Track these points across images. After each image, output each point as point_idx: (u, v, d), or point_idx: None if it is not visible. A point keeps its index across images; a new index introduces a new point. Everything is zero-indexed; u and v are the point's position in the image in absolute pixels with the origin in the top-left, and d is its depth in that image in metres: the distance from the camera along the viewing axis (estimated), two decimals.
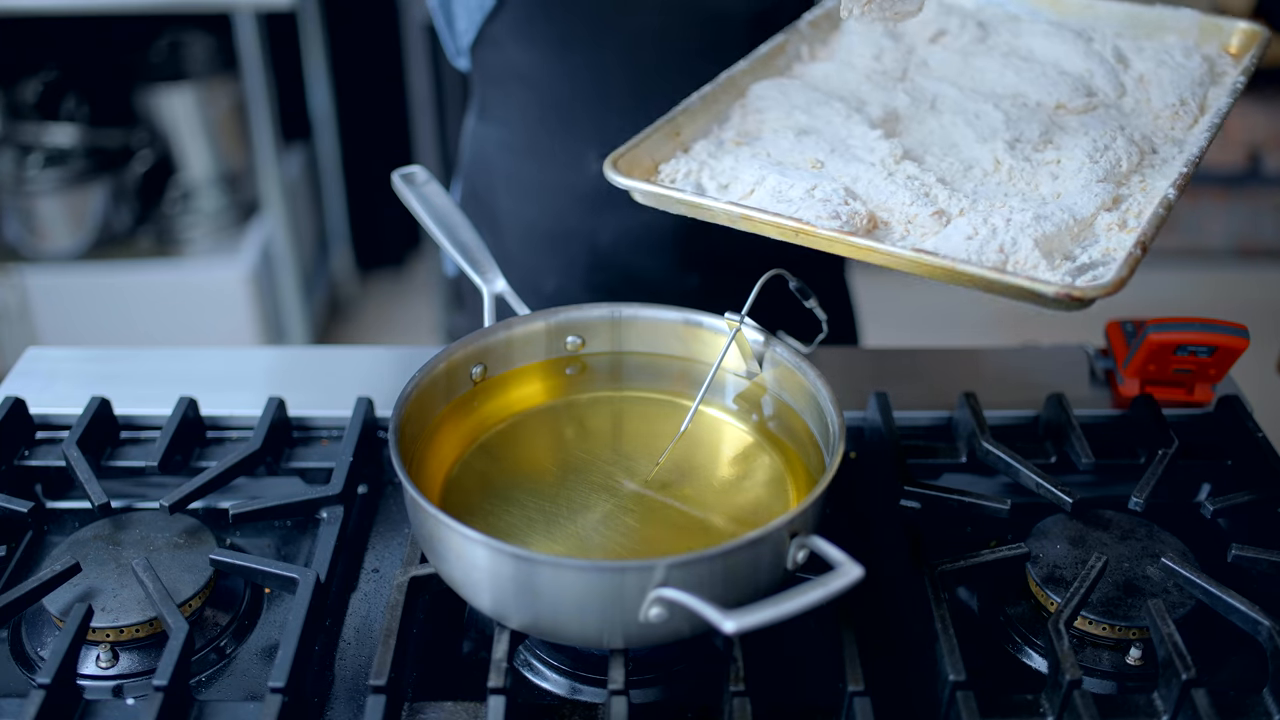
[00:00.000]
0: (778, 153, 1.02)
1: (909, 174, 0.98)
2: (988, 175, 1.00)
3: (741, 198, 0.97)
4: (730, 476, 0.98)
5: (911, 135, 1.06)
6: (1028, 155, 1.01)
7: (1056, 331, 1.50)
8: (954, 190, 0.96)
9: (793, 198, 0.94)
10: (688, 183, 1.00)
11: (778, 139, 1.04)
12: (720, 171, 1.00)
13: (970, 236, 0.89)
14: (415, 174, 1.17)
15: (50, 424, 1.14)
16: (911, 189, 0.95)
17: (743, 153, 1.02)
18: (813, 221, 0.90)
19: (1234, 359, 1.11)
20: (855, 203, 0.93)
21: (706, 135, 1.07)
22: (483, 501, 0.94)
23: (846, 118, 1.06)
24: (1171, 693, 0.84)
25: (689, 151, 1.04)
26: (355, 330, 3.50)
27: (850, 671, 0.85)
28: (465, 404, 1.01)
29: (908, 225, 0.94)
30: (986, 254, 0.88)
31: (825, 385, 0.94)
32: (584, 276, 1.40)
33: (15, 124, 2.99)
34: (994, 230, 0.90)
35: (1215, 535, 1.06)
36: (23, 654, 0.93)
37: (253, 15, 2.76)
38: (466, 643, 0.96)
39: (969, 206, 0.94)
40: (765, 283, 0.98)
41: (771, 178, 0.96)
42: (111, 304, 2.99)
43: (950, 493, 1.02)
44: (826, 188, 0.94)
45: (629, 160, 0.99)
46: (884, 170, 0.98)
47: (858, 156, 1.00)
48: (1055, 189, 0.98)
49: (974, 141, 1.03)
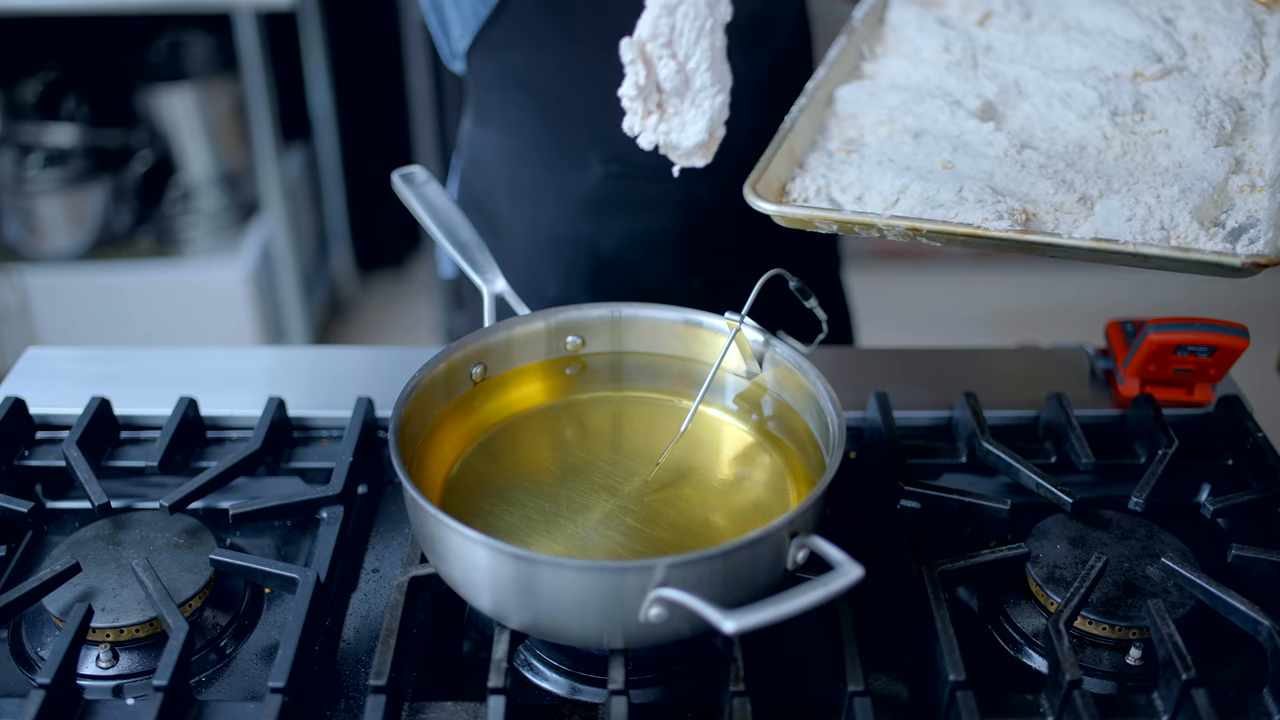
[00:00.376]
0: (902, 157, 1.02)
1: (1039, 163, 0.98)
2: (1102, 153, 1.01)
3: (886, 208, 0.96)
4: (730, 477, 0.98)
5: (1011, 122, 1.06)
6: (1131, 128, 1.03)
7: (1056, 331, 1.51)
8: (1083, 173, 0.97)
9: (944, 201, 0.94)
10: (821, 199, 0.98)
11: (895, 143, 1.03)
12: (849, 184, 0.99)
13: (1129, 218, 0.91)
14: (415, 174, 1.17)
15: (50, 424, 1.14)
16: (1049, 178, 0.96)
17: (862, 161, 1.01)
18: (982, 224, 0.90)
19: (1234, 359, 1.11)
20: (1005, 199, 0.93)
21: (814, 149, 1.05)
22: (483, 501, 0.94)
23: (950, 114, 1.06)
24: (1171, 693, 0.84)
25: (804, 168, 1.03)
26: (355, 330, 3.50)
27: (850, 671, 0.85)
28: (465, 404, 1.01)
29: (1056, 214, 0.94)
30: (1149, 232, 0.90)
31: (825, 385, 0.94)
32: (586, 281, 1.40)
33: (15, 124, 2.99)
34: (1149, 209, 0.91)
35: (1215, 535, 1.06)
36: (23, 654, 0.93)
37: (253, 15, 2.76)
38: (466, 643, 0.96)
39: (1105, 188, 0.95)
40: (765, 283, 0.98)
41: (915, 185, 0.96)
42: (111, 304, 2.99)
43: (950, 493, 1.02)
44: (973, 188, 0.94)
45: (764, 185, 0.96)
46: (1013, 162, 0.98)
47: (980, 152, 1.00)
48: (1174, 159, 0.99)
49: (1075, 121, 1.04)
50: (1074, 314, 3.19)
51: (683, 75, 0.85)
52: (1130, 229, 0.90)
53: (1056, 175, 0.97)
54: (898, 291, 3.52)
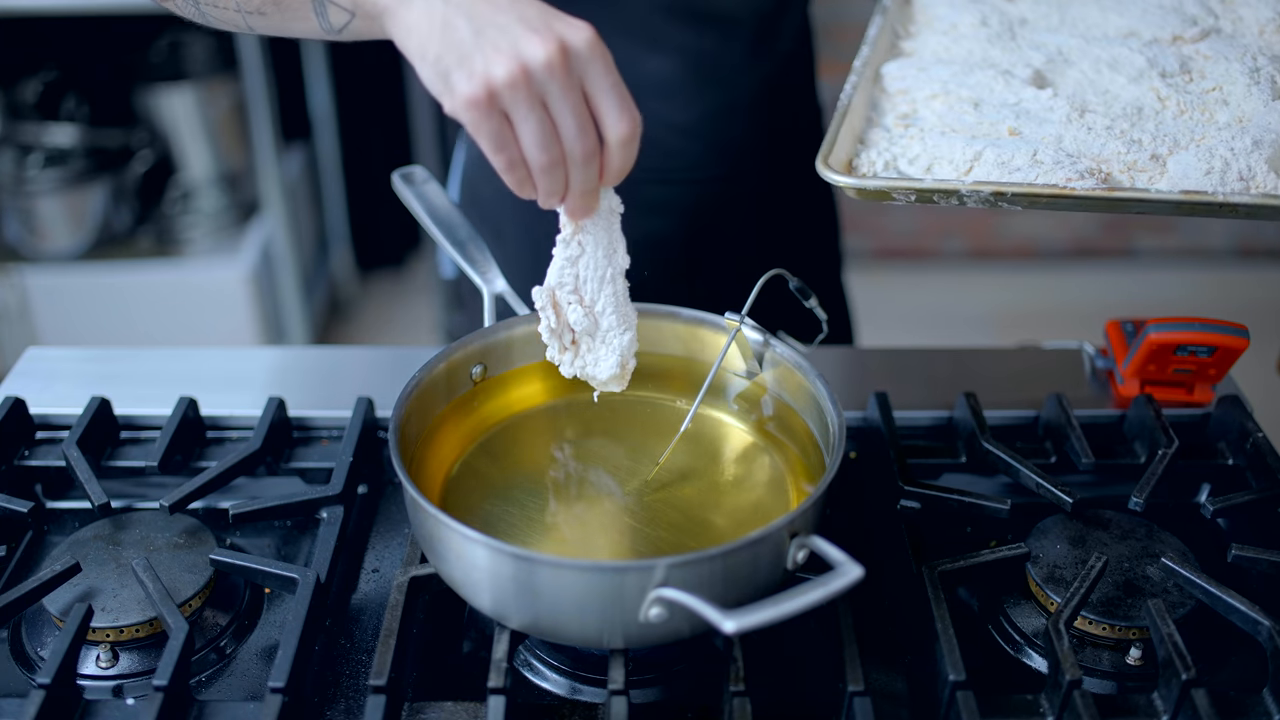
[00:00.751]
0: (966, 126, 1.02)
1: (1104, 125, 0.99)
2: (1159, 113, 1.02)
3: (961, 175, 0.96)
4: (730, 477, 0.98)
5: (1063, 89, 1.07)
6: (1184, 88, 1.04)
7: (1056, 331, 1.51)
8: (1148, 132, 0.98)
9: (1020, 166, 0.94)
10: (890, 172, 0.99)
11: (958, 114, 1.04)
12: (915, 156, 1.00)
13: (1208, 171, 0.92)
14: (415, 174, 1.17)
15: (50, 424, 1.14)
16: (1118, 139, 0.97)
17: (925, 134, 1.02)
18: (1064, 184, 0.91)
19: (1234, 359, 1.11)
20: (1080, 160, 0.94)
21: (870, 125, 1.06)
22: (483, 501, 0.94)
23: (1005, 83, 1.06)
24: (1171, 693, 0.84)
25: (866, 144, 1.03)
26: (355, 330, 3.50)
27: (850, 671, 0.85)
28: (465, 404, 1.01)
29: (1130, 172, 0.95)
30: (1229, 183, 0.91)
31: (825, 385, 0.94)
32: None
33: (15, 124, 2.99)
34: (1225, 161, 0.92)
35: (1215, 535, 1.06)
36: (23, 654, 0.93)
37: None
38: (466, 643, 0.96)
39: (1173, 145, 0.96)
40: (765, 283, 0.98)
41: (989, 151, 0.96)
42: (111, 304, 2.99)
43: (950, 493, 1.02)
44: (1047, 152, 0.95)
45: (835, 161, 0.97)
46: (1080, 125, 0.99)
47: (1043, 118, 1.01)
48: (1233, 114, 1.00)
49: (1126, 84, 1.05)
50: (1074, 314, 3.19)
51: (591, 318, 0.93)
52: (1210, 181, 0.91)
53: (1124, 135, 0.98)
54: (898, 291, 3.52)
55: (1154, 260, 3.67)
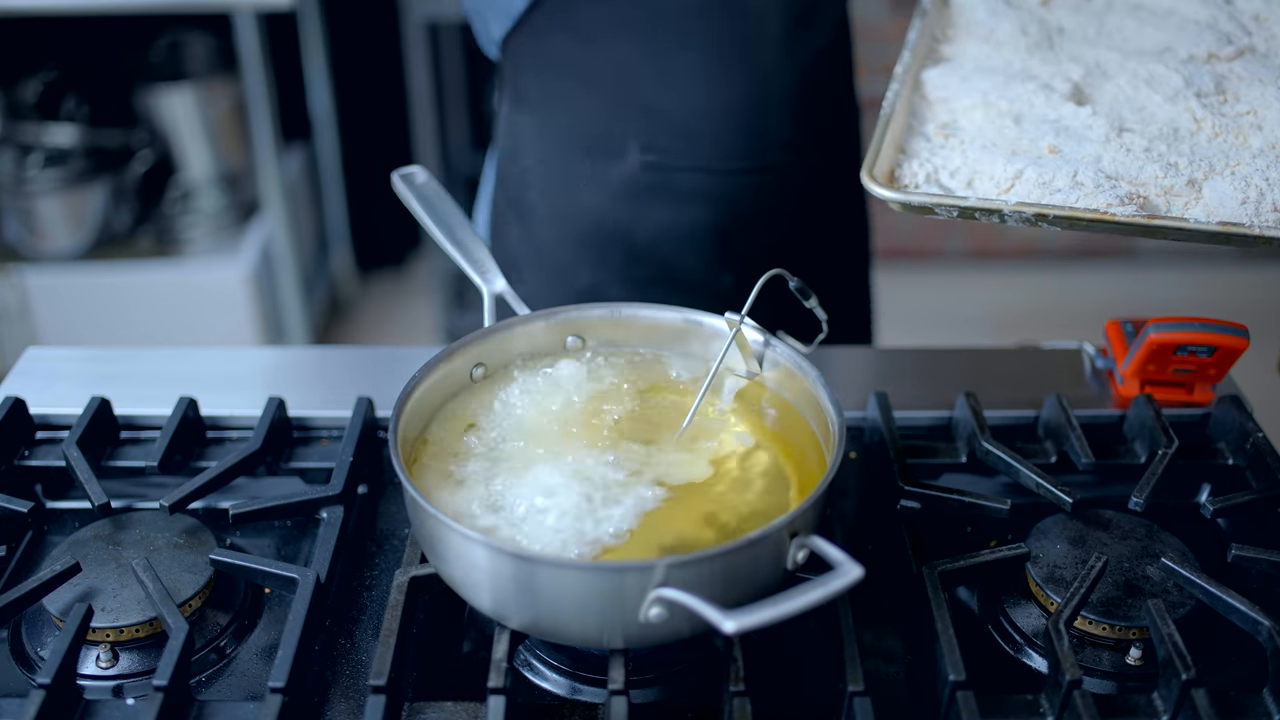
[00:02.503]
0: (1006, 142, 1.03)
1: (1142, 146, 1.00)
2: (1194, 135, 1.03)
3: (1000, 193, 0.97)
4: (730, 477, 0.98)
5: (1099, 104, 1.07)
6: (1219, 109, 1.04)
7: (1056, 331, 1.50)
8: (1184, 155, 0.99)
9: (1060, 187, 0.95)
10: (931, 185, 1.00)
11: (998, 128, 1.04)
12: (956, 169, 1.00)
13: (1243, 201, 0.93)
14: (415, 174, 1.17)
15: (50, 424, 1.14)
16: (1155, 161, 0.98)
17: (966, 146, 1.02)
18: (1105, 210, 0.92)
19: (1234, 359, 1.11)
20: (1120, 183, 0.95)
21: (911, 133, 1.07)
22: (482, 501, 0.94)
23: (1046, 98, 1.07)
24: (1171, 693, 0.84)
25: (907, 153, 1.04)
26: (355, 330, 3.50)
27: (850, 671, 0.85)
28: (465, 404, 1.01)
29: (1167, 197, 0.96)
30: (1263, 214, 0.92)
31: (825, 385, 0.94)
32: (619, 271, 1.38)
33: (15, 124, 2.99)
34: (1260, 191, 0.94)
35: (1215, 535, 1.06)
36: (23, 654, 0.93)
37: (253, 15, 2.76)
38: (466, 643, 0.96)
39: (1208, 170, 0.97)
40: (765, 282, 0.98)
41: (1029, 170, 0.97)
42: (111, 304, 2.99)
43: (950, 493, 1.02)
44: (1087, 173, 0.96)
45: (879, 172, 0.98)
46: (1118, 146, 1.00)
47: (1083, 136, 1.02)
48: (1267, 140, 1.01)
49: (1163, 103, 1.06)
50: (1074, 314, 3.19)
51: None
52: (1245, 212, 0.92)
53: (1161, 159, 0.98)
54: (898, 291, 3.51)
55: (1154, 260, 3.67)
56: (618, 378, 1.05)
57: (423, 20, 3.00)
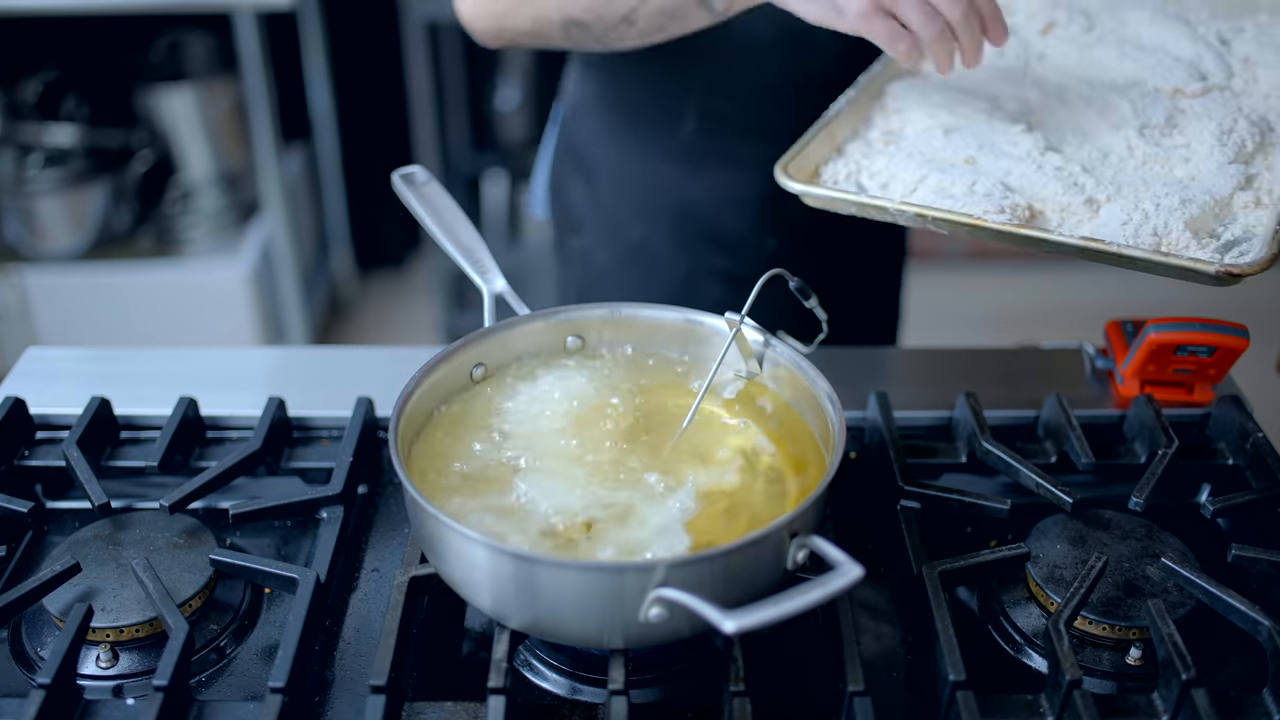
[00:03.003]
0: (930, 151, 1.08)
1: (1056, 165, 1.05)
2: (1124, 161, 1.07)
3: (904, 196, 1.03)
4: (730, 476, 0.98)
5: (1047, 126, 1.12)
6: (1157, 140, 1.09)
7: (1056, 331, 1.50)
8: (1097, 178, 1.04)
9: (956, 194, 1.01)
10: (849, 184, 1.08)
11: (928, 138, 1.10)
12: (877, 171, 1.07)
13: (1125, 222, 0.97)
14: (415, 174, 1.17)
15: (50, 424, 1.14)
16: (1061, 179, 1.03)
17: (895, 152, 1.09)
18: (983, 216, 0.98)
19: (1234, 359, 1.11)
20: (1013, 195, 1.00)
21: (856, 137, 1.14)
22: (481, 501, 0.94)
23: (988, 114, 1.12)
24: (1171, 693, 0.84)
25: (842, 154, 1.12)
26: (355, 330, 3.50)
27: (850, 671, 0.85)
28: (465, 404, 1.01)
29: (1062, 213, 1.01)
30: (1142, 237, 0.96)
31: (825, 385, 0.94)
32: (669, 229, 1.45)
33: (15, 124, 2.99)
34: (1146, 215, 0.97)
35: (1215, 535, 1.06)
36: (23, 654, 0.93)
37: (253, 15, 2.76)
38: (466, 643, 0.96)
39: (1115, 193, 1.01)
40: (765, 282, 0.98)
41: (933, 176, 1.03)
42: (111, 304, 2.99)
43: (950, 493, 1.02)
44: (985, 183, 1.01)
45: (797, 166, 1.06)
46: (1032, 163, 1.05)
47: (1005, 151, 1.07)
48: (1189, 171, 1.05)
49: (1106, 130, 1.11)
50: (1074, 314, 3.18)
51: None
52: (1125, 232, 0.96)
53: (1069, 178, 1.03)
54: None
55: None
56: (617, 378, 1.05)
57: (423, 20, 3.00)
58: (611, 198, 1.48)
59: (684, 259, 1.46)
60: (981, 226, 0.97)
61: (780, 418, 1.01)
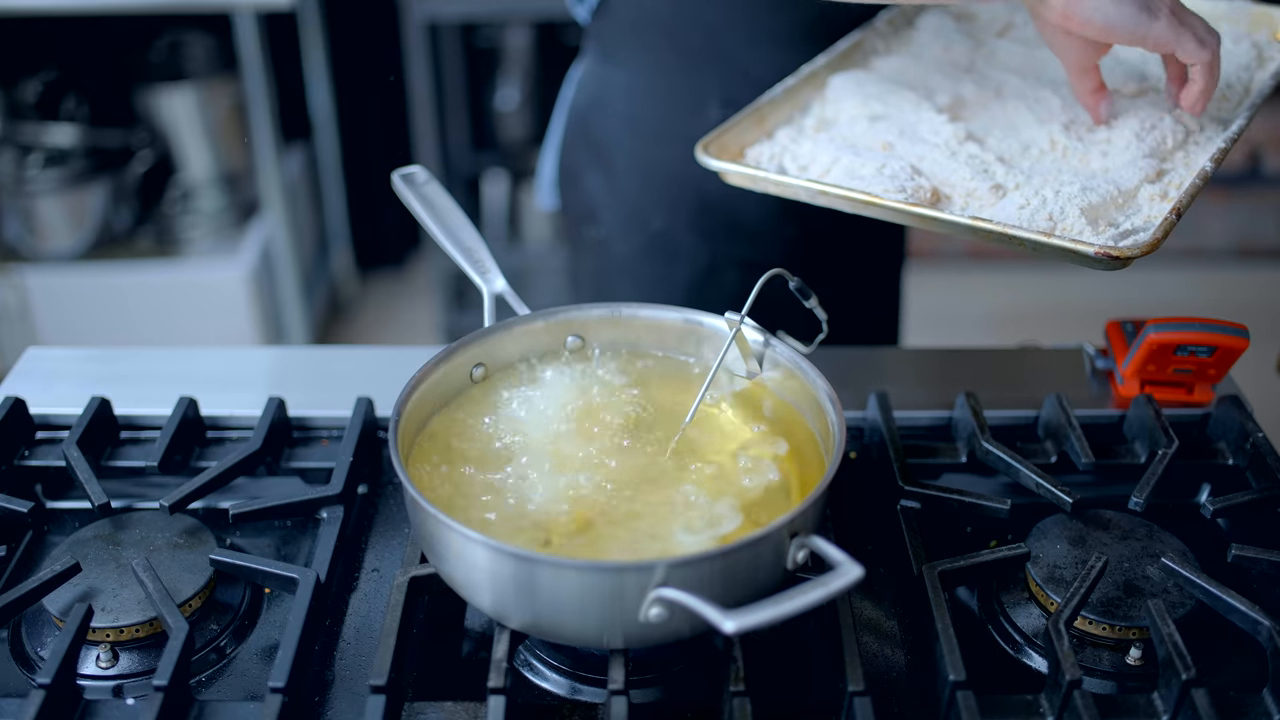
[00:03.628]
0: (852, 137, 1.12)
1: (970, 153, 1.07)
2: (1044, 154, 1.10)
3: (819, 176, 1.08)
4: (730, 477, 0.98)
5: (977, 120, 1.15)
6: (1081, 135, 1.11)
7: (1056, 331, 1.51)
8: (1011, 167, 1.06)
9: (864, 175, 1.03)
10: (771, 165, 1.12)
11: (854, 125, 1.13)
12: (800, 155, 1.10)
13: (1023, 206, 1.00)
14: (415, 174, 1.17)
15: (50, 424, 1.14)
16: (972, 166, 1.05)
17: (821, 138, 1.12)
18: (880, 194, 1.00)
19: (1234, 359, 1.11)
20: (920, 178, 1.03)
21: (789, 123, 1.17)
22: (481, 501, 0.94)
23: (916, 105, 1.15)
24: (1171, 693, 0.84)
25: (772, 138, 1.15)
26: (355, 330, 3.50)
27: (850, 671, 0.85)
28: (465, 404, 1.01)
29: (967, 198, 1.03)
30: (1037, 221, 0.98)
31: (825, 385, 0.95)
32: (690, 218, 1.46)
33: (15, 124, 2.99)
34: (1044, 201, 1.00)
35: (1215, 535, 1.06)
36: (23, 654, 0.93)
37: (253, 15, 2.76)
38: (466, 643, 0.96)
39: (1024, 181, 1.03)
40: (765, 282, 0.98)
41: (845, 158, 1.06)
42: (111, 304, 2.99)
43: (950, 493, 1.02)
44: (894, 166, 1.03)
45: (719, 145, 1.10)
46: (947, 150, 1.07)
47: (924, 139, 1.09)
48: (1104, 165, 1.07)
49: (1033, 124, 1.13)
50: (1074, 314, 3.19)
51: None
52: (1020, 216, 0.99)
53: (980, 166, 1.06)
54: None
55: (1154, 260, 3.66)
56: (617, 378, 1.05)
57: (423, 20, 3.00)
58: (632, 187, 1.48)
59: (704, 248, 1.47)
60: (877, 204, 1.00)
61: (780, 418, 1.01)
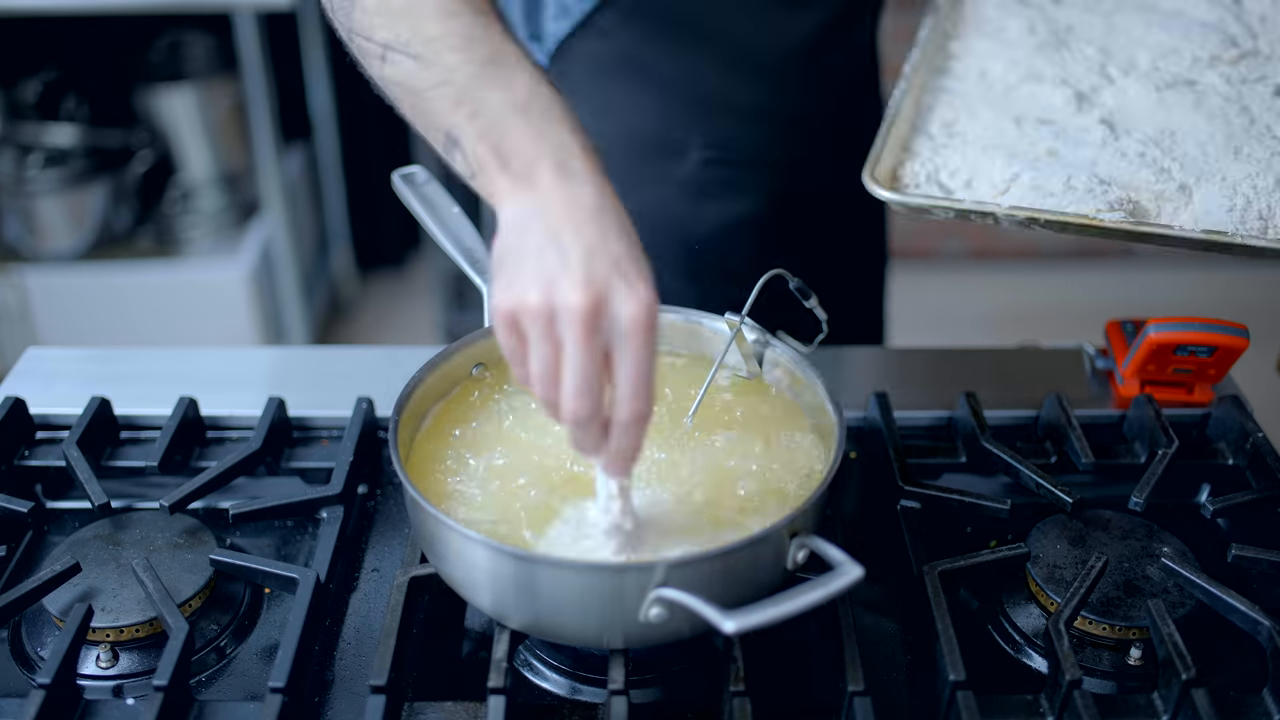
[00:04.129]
0: (1005, 144, 1.05)
1: (1137, 150, 1.02)
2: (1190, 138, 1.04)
3: (996, 195, 1.01)
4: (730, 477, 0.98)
5: (1103, 104, 1.09)
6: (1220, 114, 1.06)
7: (1056, 331, 1.51)
8: (1178, 159, 1.01)
9: (1054, 191, 0.98)
10: (931, 185, 1.03)
11: (997, 128, 1.07)
12: (956, 169, 1.03)
13: (1230, 208, 0.95)
14: (415, 174, 1.16)
15: (50, 424, 1.14)
16: (1149, 167, 1.00)
17: (967, 146, 1.05)
18: (1096, 215, 0.95)
19: (1234, 359, 1.11)
20: (1111, 189, 0.98)
21: (915, 132, 1.09)
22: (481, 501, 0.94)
23: (1046, 99, 1.09)
24: (1171, 693, 0.84)
25: (910, 152, 1.07)
26: (355, 330, 3.50)
27: (850, 671, 0.85)
28: (465, 404, 1.01)
29: (1158, 201, 0.98)
30: (1248, 222, 0.94)
31: (825, 385, 0.94)
32: (675, 265, 1.39)
33: (15, 124, 2.99)
34: (1248, 200, 0.95)
35: (1215, 535, 1.06)
36: (23, 654, 0.93)
37: (253, 15, 2.75)
38: (466, 643, 0.96)
39: (1199, 175, 0.99)
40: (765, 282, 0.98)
41: (1026, 173, 1.00)
42: (111, 304, 2.98)
43: (950, 493, 1.02)
44: (1080, 177, 0.98)
45: (881, 172, 1.01)
46: (1114, 151, 1.02)
47: (1080, 139, 1.04)
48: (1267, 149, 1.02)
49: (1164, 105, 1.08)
50: (1074, 314, 3.18)
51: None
52: (1231, 219, 0.94)
53: (1155, 163, 1.00)
54: (898, 291, 3.51)
55: (1154, 260, 3.67)
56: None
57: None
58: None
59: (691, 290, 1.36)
60: (1096, 225, 0.95)
61: (780, 418, 1.01)
